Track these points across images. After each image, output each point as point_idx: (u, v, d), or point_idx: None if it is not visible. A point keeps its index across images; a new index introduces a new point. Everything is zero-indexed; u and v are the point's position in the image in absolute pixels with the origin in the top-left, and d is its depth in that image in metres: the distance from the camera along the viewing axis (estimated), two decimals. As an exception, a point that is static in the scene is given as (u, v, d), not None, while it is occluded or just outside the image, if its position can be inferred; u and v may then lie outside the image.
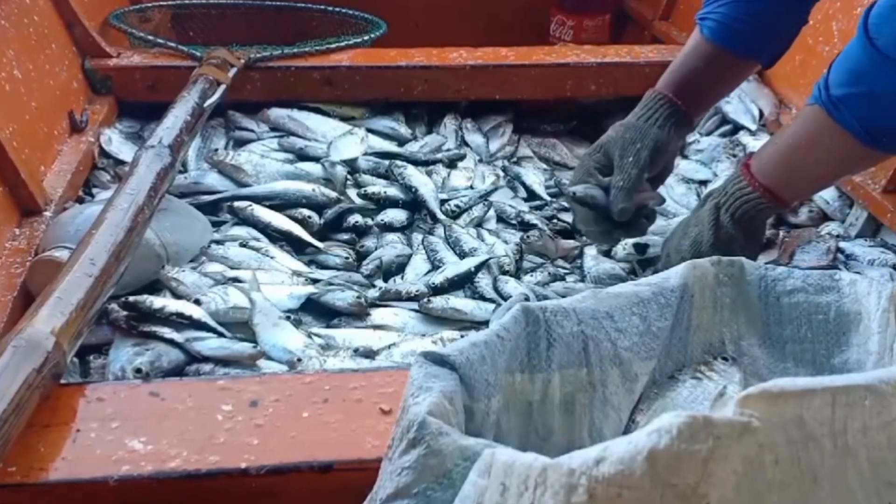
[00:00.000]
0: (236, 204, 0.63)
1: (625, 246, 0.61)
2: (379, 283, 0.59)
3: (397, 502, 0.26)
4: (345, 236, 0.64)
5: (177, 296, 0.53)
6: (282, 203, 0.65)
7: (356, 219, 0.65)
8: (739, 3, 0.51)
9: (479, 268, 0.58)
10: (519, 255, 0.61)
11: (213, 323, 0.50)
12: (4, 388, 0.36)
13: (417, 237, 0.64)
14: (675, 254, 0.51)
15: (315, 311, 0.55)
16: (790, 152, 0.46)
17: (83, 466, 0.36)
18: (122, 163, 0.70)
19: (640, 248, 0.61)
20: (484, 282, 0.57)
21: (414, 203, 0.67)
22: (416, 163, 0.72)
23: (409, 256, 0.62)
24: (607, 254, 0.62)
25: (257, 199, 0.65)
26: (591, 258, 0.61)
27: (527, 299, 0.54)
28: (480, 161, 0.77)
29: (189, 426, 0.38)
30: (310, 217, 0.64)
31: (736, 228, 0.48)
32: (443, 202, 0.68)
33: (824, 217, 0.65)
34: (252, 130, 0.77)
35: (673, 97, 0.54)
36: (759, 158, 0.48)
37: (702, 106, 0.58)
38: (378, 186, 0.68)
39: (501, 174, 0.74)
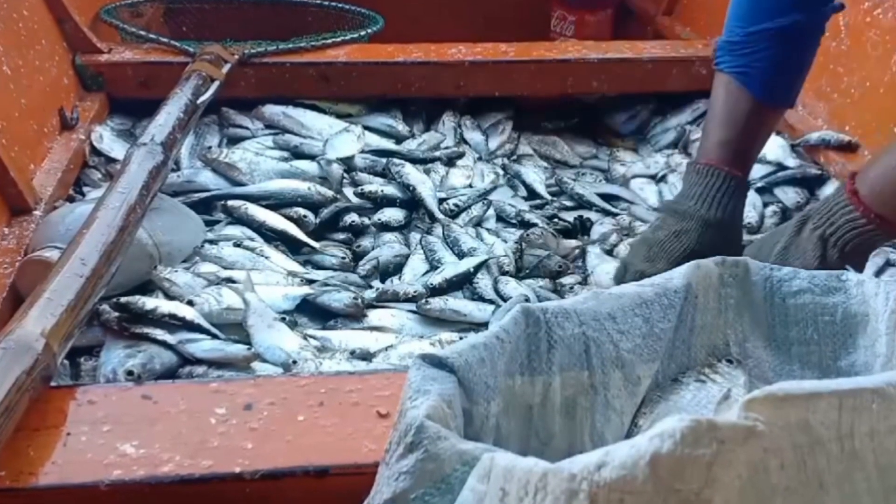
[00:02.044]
0: (230, 203, 0.62)
1: (627, 246, 0.61)
2: (376, 283, 0.58)
3: (394, 509, 0.25)
4: (341, 236, 0.64)
5: (169, 297, 0.52)
6: (277, 202, 0.64)
7: (353, 218, 0.64)
8: (771, 53, 0.45)
9: (478, 268, 0.58)
10: (519, 255, 0.60)
11: (206, 324, 0.50)
12: (-8, 392, 0.35)
13: (415, 237, 0.64)
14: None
15: (311, 312, 0.54)
16: None
17: (74, 471, 0.35)
18: (113, 161, 0.69)
19: None
20: (483, 282, 0.57)
21: (412, 202, 0.67)
22: (413, 161, 0.71)
23: (407, 256, 0.61)
24: (610, 253, 0.61)
25: (252, 198, 0.65)
26: (595, 256, 0.60)
27: (527, 300, 0.53)
28: (480, 159, 0.76)
29: (182, 430, 0.37)
30: (305, 216, 0.63)
31: (842, 261, 0.41)
32: (441, 201, 0.67)
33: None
34: (246, 128, 0.76)
35: (739, 174, 0.48)
36: (871, 183, 0.42)
37: (752, 163, 0.51)
38: (375, 185, 0.67)
39: (501, 172, 0.74)
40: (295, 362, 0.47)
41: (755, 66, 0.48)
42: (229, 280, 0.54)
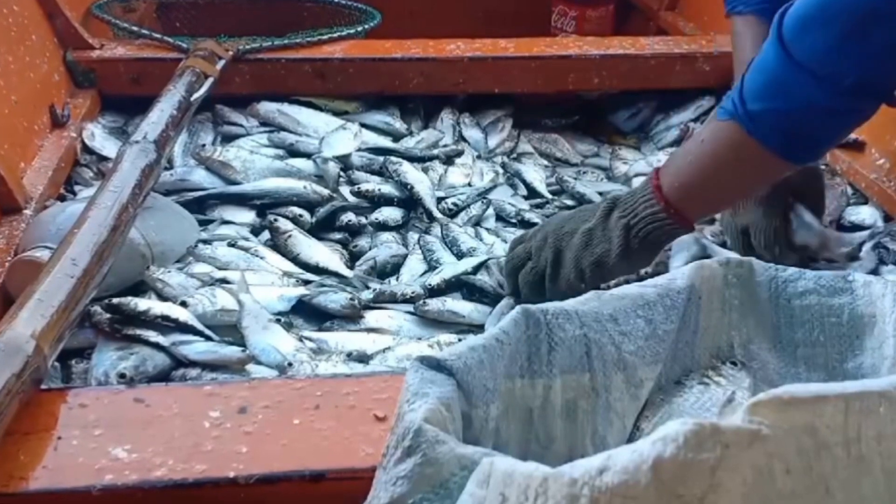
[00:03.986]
0: (276, 223, 0.58)
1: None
2: (373, 284, 0.57)
3: (392, 514, 0.24)
4: (337, 235, 0.63)
5: (162, 297, 0.51)
6: (272, 201, 0.63)
7: (349, 217, 0.63)
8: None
9: (477, 269, 0.57)
10: None
11: (200, 326, 0.49)
12: (-20, 395, 0.34)
13: (413, 236, 0.63)
14: (572, 265, 0.46)
15: (306, 313, 0.53)
16: (704, 173, 0.43)
17: (65, 475, 0.35)
18: (105, 159, 0.67)
19: None
20: (483, 283, 0.56)
21: (409, 201, 0.66)
22: (411, 159, 0.70)
23: (405, 256, 0.60)
24: None
25: (247, 197, 0.64)
26: None
27: (517, 302, 0.52)
28: (479, 157, 0.75)
29: (175, 433, 0.37)
30: (301, 216, 0.62)
31: (643, 251, 0.45)
32: (440, 200, 0.66)
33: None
34: (241, 125, 0.74)
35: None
36: (670, 178, 0.44)
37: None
38: (372, 184, 0.66)
39: (500, 171, 0.73)
40: (290, 364, 0.47)
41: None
42: (223, 281, 0.53)
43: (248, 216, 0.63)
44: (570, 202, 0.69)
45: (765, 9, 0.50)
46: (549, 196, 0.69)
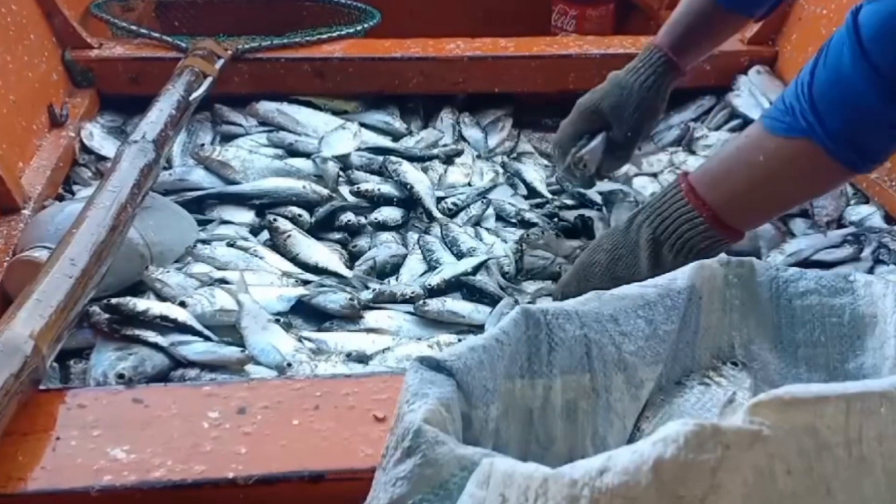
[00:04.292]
0: (275, 225, 0.58)
1: None
2: (373, 284, 0.57)
3: (391, 515, 0.24)
4: (337, 235, 0.63)
5: (161, 298, 0.51)
6: (271, 201, 0.63)
7: (349, 217, 0.63)
8: None
9: (477, 269, 0.57)
10: (519, 255, 0.59)
11: (199, 326, 0.49)
12: (-22, 396, 0.34)
13: (413, 236, 0.62)
14: (597, 278, 0.45)
15: (306, 313, 0.53)
16: (773, 198, 0.41)
17: (63, 476, 0.35)
18: (103, 158, 0.67)
19: None
20: (482, 283, 0.56)
21: (409, 201, 0.66)
22: (411, 159, 0.70)
23: (405, 256, 0.60)
24: None
25: (246, 197, 0.64)
26: None
27: (516, 302, 0.52)
28: (479, 157, 0.75)
29: (174, 434, 0.37)
30: (300, 215, 0.62)
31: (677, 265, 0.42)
32: (439, 200, 0.66)
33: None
34: (240, 125, 0.74)
35: (671, 54, 0.56)
36: (731, 208, 0.42)
37: (696, 59, 0.59)
38: (372, 183, 0.66)
39: (500, 170, 0.72)
40: (290, 365, 0.47)
41: None
42: (222, 281, 0.53)
43: (248, 216, 0.63)
44: (570, 202, 0.69)
45: None
46: (549, 196, 0.69)
